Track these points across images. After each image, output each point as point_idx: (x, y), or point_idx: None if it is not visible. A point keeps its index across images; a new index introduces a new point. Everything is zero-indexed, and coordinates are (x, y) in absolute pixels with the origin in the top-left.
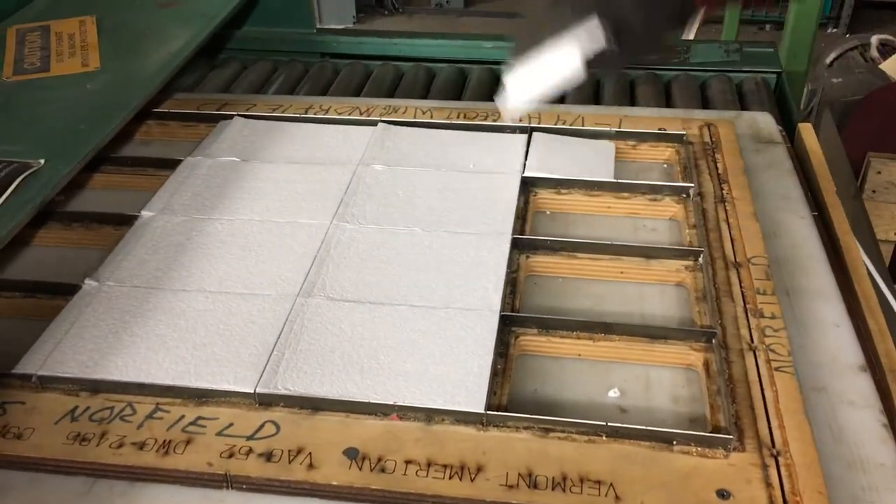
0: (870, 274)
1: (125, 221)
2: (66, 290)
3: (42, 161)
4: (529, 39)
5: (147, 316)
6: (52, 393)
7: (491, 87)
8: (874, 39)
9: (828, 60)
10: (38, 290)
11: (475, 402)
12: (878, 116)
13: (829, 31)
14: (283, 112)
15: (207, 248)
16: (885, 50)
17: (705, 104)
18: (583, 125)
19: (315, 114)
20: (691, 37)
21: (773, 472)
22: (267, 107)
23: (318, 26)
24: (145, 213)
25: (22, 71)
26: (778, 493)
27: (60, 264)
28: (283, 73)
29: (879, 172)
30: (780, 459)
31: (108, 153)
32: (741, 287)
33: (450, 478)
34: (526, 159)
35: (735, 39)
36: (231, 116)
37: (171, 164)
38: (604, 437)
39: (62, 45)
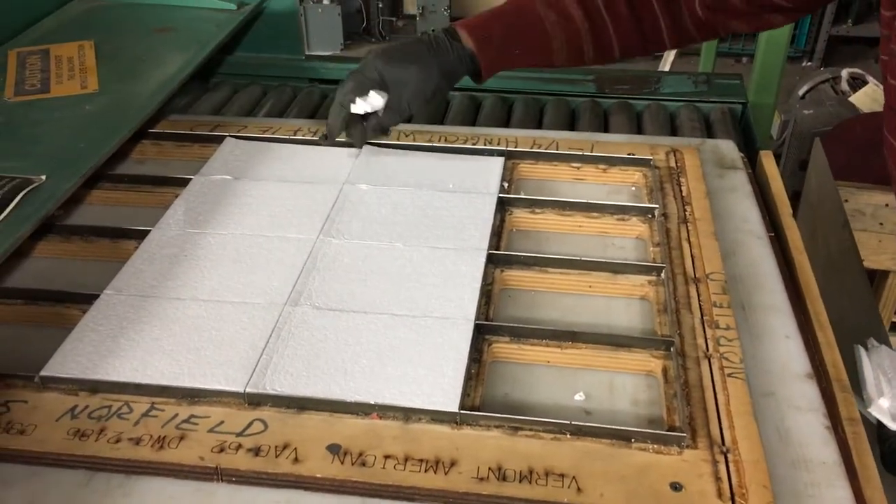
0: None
1: (122, 235)
2: (66, 298)
3: (44, 177)
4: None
5: (143, 322)
6: (53, 392)
7: (472, 113)
8: (844, 73)
9: (800, 92)
10: (39, 298)
11: (450, 403)
12: (846, 147)
13: (804, 64)
14: (273, 134)
15: (200, 259)
16: (856, 83)
17: (674, 132)
18: (557, 149)
19: (304, 136)
20: (667, 68)
21: (722, 467)
22: (258, 129)
23: (307, 53)
24: (142, 228)
25: (23, 92)
26: (726, 486)
27: (60, 274)
28: (272, 97)
29: (847, 201)
30: (729, 456)
31: (105, 171)
32: (699, 300)
33: (425, 471)
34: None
35: (712, 71)
36: (223, 138)
37: (165, 182)
38: (568, 435)
39: (61, 68)
